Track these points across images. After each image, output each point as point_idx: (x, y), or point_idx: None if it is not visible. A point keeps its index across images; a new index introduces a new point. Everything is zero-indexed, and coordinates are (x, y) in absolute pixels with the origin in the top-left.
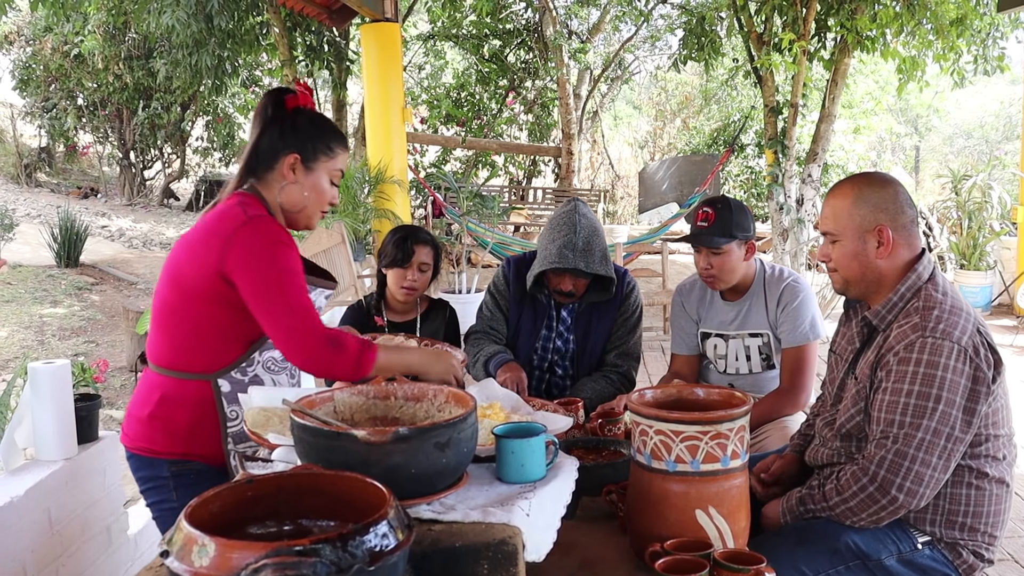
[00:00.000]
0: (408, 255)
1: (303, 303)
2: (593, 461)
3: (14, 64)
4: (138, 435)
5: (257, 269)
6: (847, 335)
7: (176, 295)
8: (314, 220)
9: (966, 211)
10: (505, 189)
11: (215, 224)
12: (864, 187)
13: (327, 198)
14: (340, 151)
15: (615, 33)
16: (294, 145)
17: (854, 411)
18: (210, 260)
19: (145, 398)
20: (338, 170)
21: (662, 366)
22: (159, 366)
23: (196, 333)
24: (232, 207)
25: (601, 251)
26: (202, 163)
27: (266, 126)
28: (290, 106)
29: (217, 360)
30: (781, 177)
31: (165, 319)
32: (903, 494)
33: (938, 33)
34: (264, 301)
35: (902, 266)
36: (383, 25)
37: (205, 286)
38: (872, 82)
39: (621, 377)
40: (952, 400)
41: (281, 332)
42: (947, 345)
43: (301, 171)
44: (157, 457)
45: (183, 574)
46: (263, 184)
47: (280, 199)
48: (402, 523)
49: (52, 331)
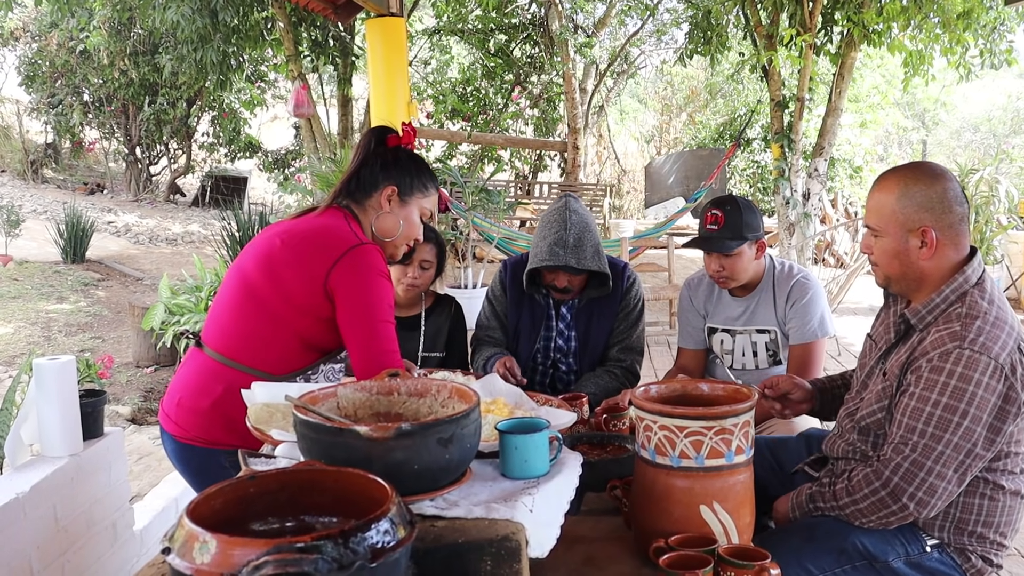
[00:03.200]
0: (409, 252)
1: (388, 334)
2: (597, 456)
3: (20, 60)
4: (194, 425)
5: (359, 293)
6: (885, 322)
7: (272, 293)
8: (399, 252)
9: (973, 205)
10: (511, 184)
11: (324, 237)
12: (911, 182)
13: (416, 232)
14: (433, 191)
15: (621, 27)
16: (394, 178)
17: (876, 407)
18: (317, 272)
19: (205, 388)
20: (429, 209)
21: (668, 360)
22: (225, 356)
23: (276, 332)
24: (341, 226)
25: (593, 246)
26: (208, 159)
27: (367, 157)
28: (391, 144)
29: (291, 363)
30: (787, 171)
31: (247, 308)
32: (914, 503)
33: (945, 27)
34: (356, 324)
35: (948, 268)
36: (388, 20)
37: (306, 296)
38: (879, 76)
39: (625, 371)
40: (979, 417)
41: (362, 356)
42: (984, 360)
43: (396, 203)
44: (215, 448)
45: (185, 571)
46: (360, 208)
47: (375, 226)
48: (404, 519)
49: (58, 327)
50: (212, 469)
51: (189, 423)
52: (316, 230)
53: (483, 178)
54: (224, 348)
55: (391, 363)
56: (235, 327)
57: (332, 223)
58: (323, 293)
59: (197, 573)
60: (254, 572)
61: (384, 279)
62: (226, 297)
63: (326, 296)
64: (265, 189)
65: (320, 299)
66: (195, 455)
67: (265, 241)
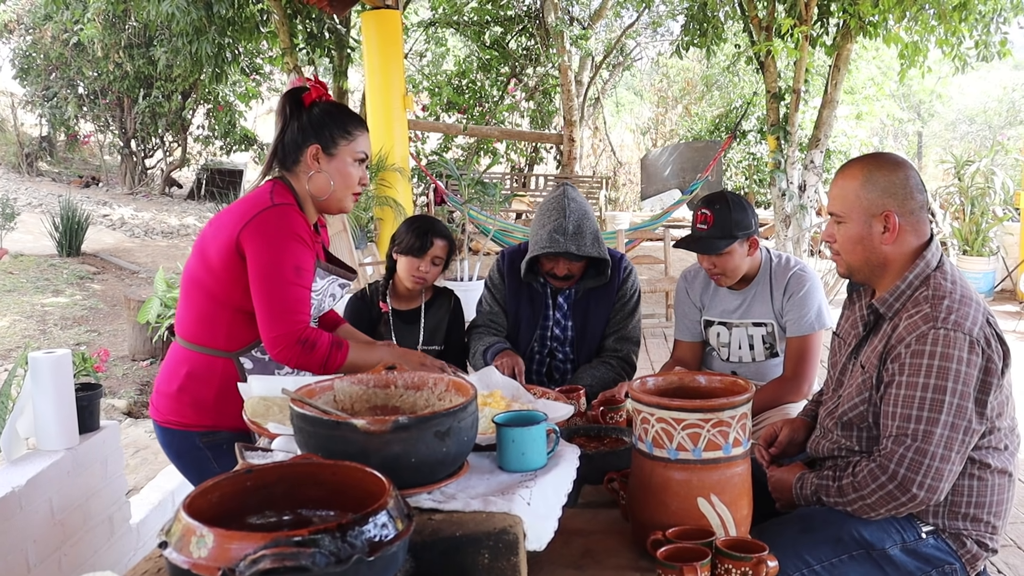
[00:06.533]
0: (425, 247)
1: (295, 298)
2: (595, 449)
3: (14, 53)
4: (167, 409)
5: (265, 253)
6: (851, 319)
7: (201, 270)
8: (347, 203)
9: (969, 197)
10: (507, 176)
11: (243, 205)
12: (874, 169)
13: (354, 180)
14: (358, 133)
15: (617, 19)
16: (313, 136)
17: (858, 400)
18: (230, 236)
19: (173, 372)
20: (361, 151)
21: (664, 353)
22: (185, 339)
23: (216, 308)
24: (262, 192)
25: (592, 233)
26: (203, 151)
27: (286, 123)
28: (307, 102)
29: (237, 338)
30: (783, 163)
31: (190, 292)
32: (924, 491)
33: (941, 18)
34: (261, 286)
35: (909, 253)
36: (384, 12)
37: (225, 261)
38: (875, 67)
39: (621, 362)
40: (967, 393)
41: (265, 320)
42: (960, 336)
43: (324, 159)
44: (187, 430)
45: (182, 565)
46: (292, 175)
47: (309, 188)
48: (402, 513)
49: (54, 320)
50: (189, 450)
51: (164, 407)
52: (236, 204)
53: (479, 171)
54: (183, 332)
55: (292, 324)
56: (185, 312)
57: (253, 193)
58: (237, 256)
59: (194, 567)
60: (251, 566)
61: (295, 241)
62: (181, 289)
63: (240, 258)
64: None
65: (237, 262)
66: (174, 437)
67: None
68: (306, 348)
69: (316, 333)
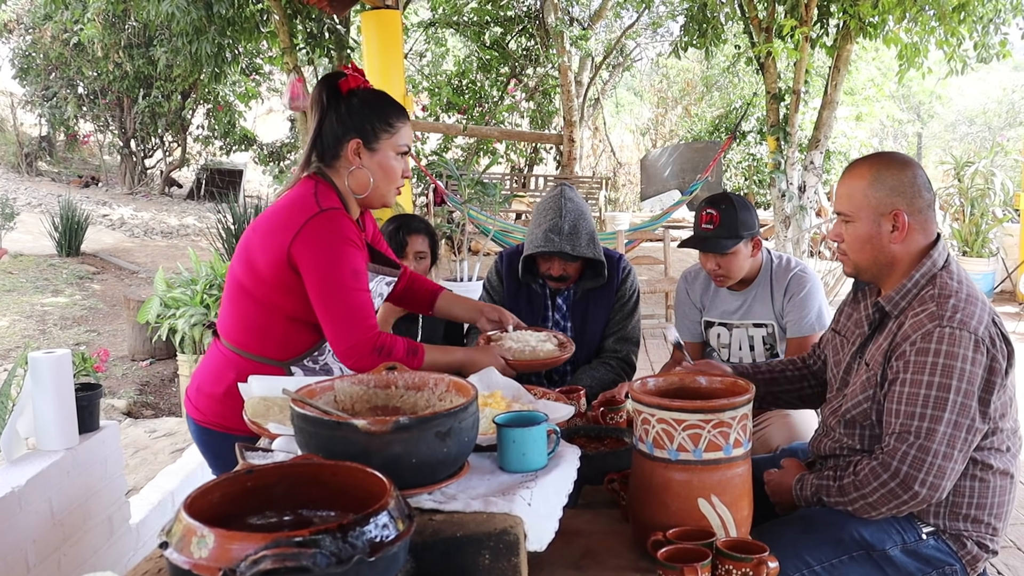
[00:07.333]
0: (401, 245)
1: (359, 304)
2: (595, 450)
3: (14, 52)
4: (210, 410)
5: (321, 263)
6: (854, 317)
7: (249, 278)
8: (389, 198)
9: (969, 198)
10: (507, 177)
11: (288, 210)
12: (882, 168)
13: (397, 174)
14: (400, 124)
15: (617, 20)
16: (354, 129)
17: (862, 398)
18: (280, 246)
19: (219, 375)
20: (404, 144)
21: (664, 353)
22: (232, 344)
23: (267, 317)
24: (307, 196)
25: (588, 234)
26: (203, 151)
27: (324, 114)
28: (344, 90)
29: (289, 347)
30: (783, 164)
31: (238, 298)
32: (926, 488)
33: (941, 19)
34: (323, 297)
35: (916, 252)
36: (384, 12)
37: (275, 272)
38: (874, 68)
39: (621, 362)
40: (971, 391)
41: (334, 331)
42: (965, 335)
43: (365, 154)
44: (230, 433)
45: (183, 565)
46: (332, 170)
47: (349, 184)
48: (403, 513)
49: (53, 320)
50: (229, 452)
51: (206, 408)
52: (280, 207)
53: (479, 171)
54: (230, 337)
55: (363, 332)
56: (234, 319)
57: (297, 194)
58: (289, 268)
59: (195, 567)
60: (252, 566)
61: (348, 245)
62: (225, 290)
63: (292, 270)
64: (260, 182)
65: (288, 274)
66: (213, 438)
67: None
68: (383, 355)
69: (390, 339)
